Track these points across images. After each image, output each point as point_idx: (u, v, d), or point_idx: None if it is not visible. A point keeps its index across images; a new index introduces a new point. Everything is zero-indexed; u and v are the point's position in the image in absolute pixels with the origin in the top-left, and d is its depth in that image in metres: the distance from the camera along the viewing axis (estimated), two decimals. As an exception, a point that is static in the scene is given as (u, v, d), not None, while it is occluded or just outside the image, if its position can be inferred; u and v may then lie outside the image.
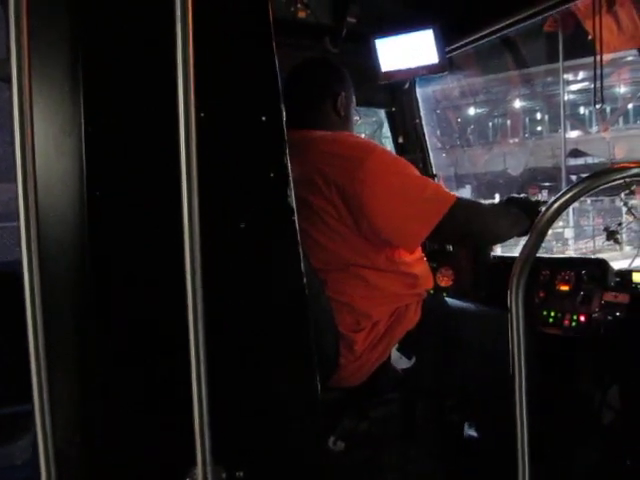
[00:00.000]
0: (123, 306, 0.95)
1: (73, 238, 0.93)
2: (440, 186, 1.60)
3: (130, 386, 0.95)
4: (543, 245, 1.18)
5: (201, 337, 0.84)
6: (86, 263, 0.92)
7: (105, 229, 0.94)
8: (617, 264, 2.08)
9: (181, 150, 0.84)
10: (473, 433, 1.88)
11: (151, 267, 0.96)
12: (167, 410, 0.96)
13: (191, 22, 0.84)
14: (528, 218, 1.66)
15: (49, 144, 0.92)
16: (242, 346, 1.00)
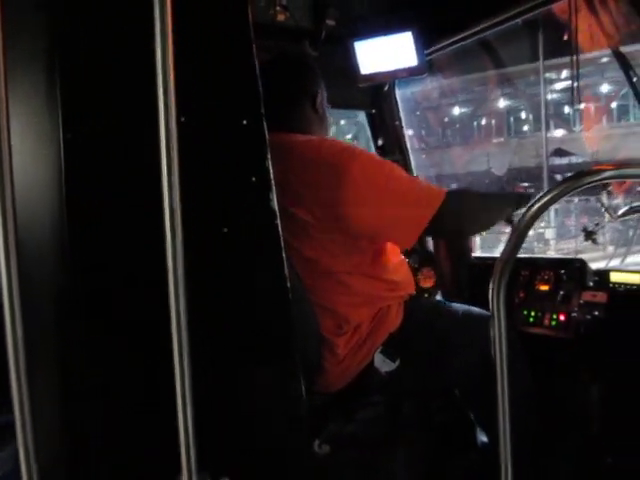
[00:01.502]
0: (104, 313, 0.93)
1: (53, 243, 0.92)
2: (429, 184, 1.60)
3: (112, 394, 0.94)
4: (524, 246, 1.19)
5: (185, 342, 0.83)
6: (66, 268, 0.91)
7: (85, 235, 0.93)
8: (600, 264, 2.11)
9: (162, 155, 0.83)
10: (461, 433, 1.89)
11: (133, 273, 0.95)
12: (150, 417, 0.95)
13: (170, 26, 0.83)
14: (513, 205, 1.67)
15: (26, 151, 0.91)
16: (226, 351, 0.99)
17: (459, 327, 1.67)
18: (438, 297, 2.30)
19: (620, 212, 1.71)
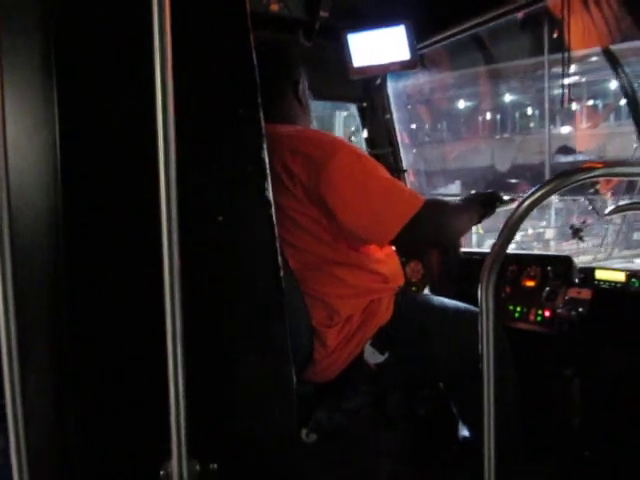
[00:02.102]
0: (99, 297, 0.93)
1: (48, 232, 0.92)
2: (408, 188, 1.59)
3: (105, 381, 0.94)
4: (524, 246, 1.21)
5: (178, 330, 0.84)
6: (61, 256, 0.91)
7: (81, 223, 0.93)
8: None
9: (159, 143, 0.83)
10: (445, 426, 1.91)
11: (128, 261, 0.95)
12: (141, 404, 0.95)
13: (168, 15, 0.83)
14: (480, 211, 1.70)
15: (22, 141, 0.90)
16: (218, 340, 1.00)
17: (448, 323, 1.69)
18: (426, 291, 2.31)
19: (607, 211, 1.73)
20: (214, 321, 0.99)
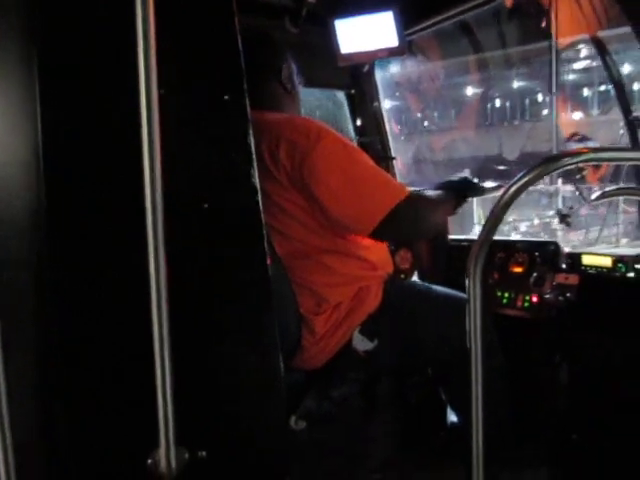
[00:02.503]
0: (83, 289, 0.93)
1: (31, 225, 0.90)
2: (392, 178, 1.58)
3: (91, 370, 0.94)
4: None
5: (165, 318, 0.83)
6: (44, 249, 0.90)
7: (64, 215, 0.92)
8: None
9: (143, 130, 0.82)
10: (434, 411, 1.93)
11: (113, 252, 0.94)
12: (128, 392, 0.95)
13: (152, 1, 0.82)
14: (455, 202, 1.70)
15: (4, 136, 0.89)
16: (205, 327, 1.00)
17: (437, 310, 1.69)
18: (415, 278, 2.32)
19: (594, 196, 1.74)
20: (201, 310, 0.99)
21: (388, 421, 1.69)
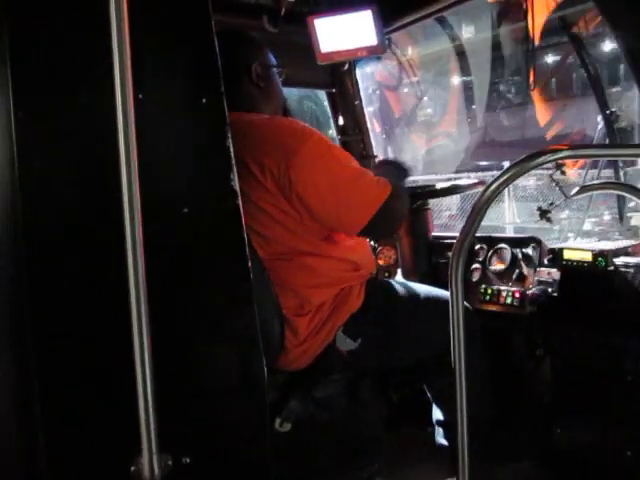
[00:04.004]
0: (62, 293, 0.92)
1: (6, 223, 0.89)
2: (376, 177, 1.57)
3: (71, 377, 0.93)
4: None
5: (145, 324, 0.83)
6: (20, 246, 0.89)
7: (40, 215, 0.91)
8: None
9: (119, 133, 0.82)
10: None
11: (90, 253, 0.93)
12: (109, 399, 0.94)
13: (126, 3, 0.81)
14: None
15: None
16: (186, 331, 0.99)
17: (419, 308, 1.70)
18: (398, 276, 2.32)
19: (573, 192, 1.75)
20: (181, 314, 0.98)
21: (373, 420, 1.69)
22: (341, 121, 2.77)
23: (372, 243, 2.54)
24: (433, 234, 2.31)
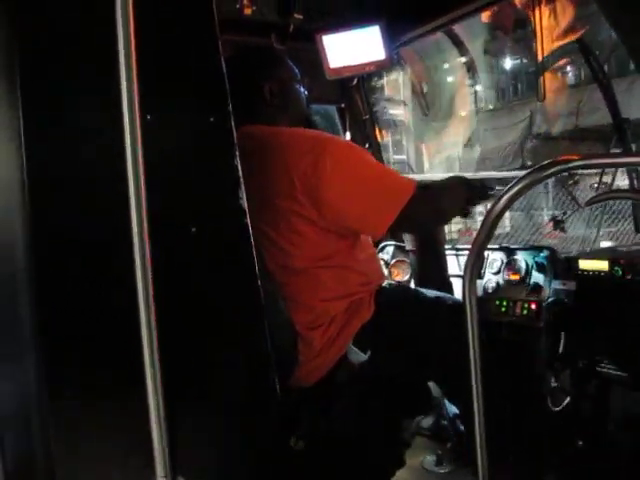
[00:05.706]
0: (70, 311, 0.91)
1: (15, 231, 0.89)
2: (399, 174, 1.59)
3: (77, 393, 0.92)
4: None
5: (154, 342, 0.82)
6: (28, 261, 0.88)
7: (48, 234, 0.90)
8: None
9: (127, 154, 0.82)
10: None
11: (99, 271, 0.92)
12: (122, 422, 0.93)
13: (132, 22, 0.82)
14: (467, 197, 1.68)
15: None
16: (196, 351, 0.98)
17: (430, 315, 1.68)
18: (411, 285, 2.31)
19: (587, 200, 1.74)
20: (191, 334, 0.97)
21: (387, 434, 1.66)
22: (349, 136, 2.78)
23: (385, 257, 2.54)
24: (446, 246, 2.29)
